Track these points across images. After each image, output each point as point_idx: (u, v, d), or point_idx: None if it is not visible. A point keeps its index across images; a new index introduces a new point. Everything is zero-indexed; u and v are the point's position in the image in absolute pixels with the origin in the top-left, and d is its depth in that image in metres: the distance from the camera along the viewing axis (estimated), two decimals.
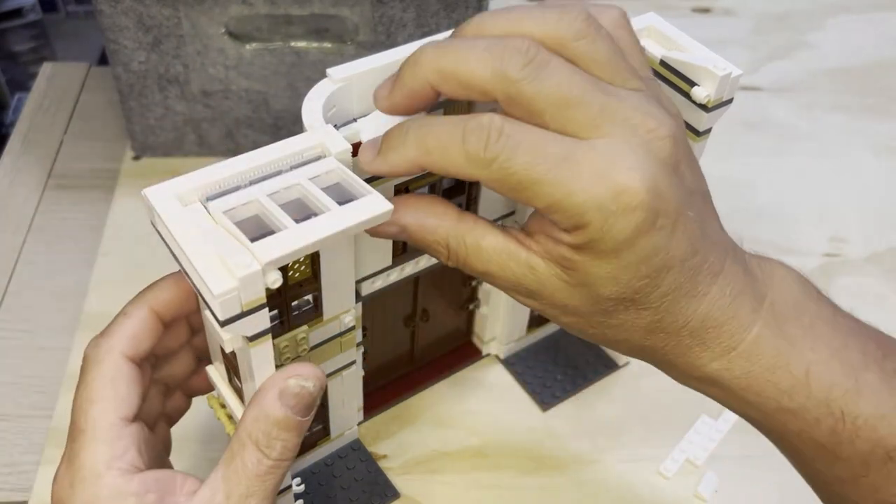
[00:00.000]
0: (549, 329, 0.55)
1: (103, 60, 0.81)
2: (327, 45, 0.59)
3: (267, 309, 0.30)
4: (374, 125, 0.35)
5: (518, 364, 0.54)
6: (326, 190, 0.32)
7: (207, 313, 0.31)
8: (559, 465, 0.49)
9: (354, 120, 0.35)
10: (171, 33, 0.58)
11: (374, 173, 0.33)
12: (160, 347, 0.36)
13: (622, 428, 0.51)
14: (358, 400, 0.47)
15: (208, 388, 0.38)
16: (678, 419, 0.52)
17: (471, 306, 0.52)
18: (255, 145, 0.70)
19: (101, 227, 0.61)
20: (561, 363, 0.54)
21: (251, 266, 0.28)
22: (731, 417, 0.52)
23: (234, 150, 0.66)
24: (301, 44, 0.59)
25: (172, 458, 0.38)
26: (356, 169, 0.34)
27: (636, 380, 0.54)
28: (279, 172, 0.33)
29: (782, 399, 0.32)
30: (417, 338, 0.51)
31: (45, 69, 0.76)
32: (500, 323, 0.52)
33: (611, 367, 0.54)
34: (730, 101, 0.40)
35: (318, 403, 0.33)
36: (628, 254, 0.30)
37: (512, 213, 0.46)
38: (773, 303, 0.33)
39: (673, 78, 0.40)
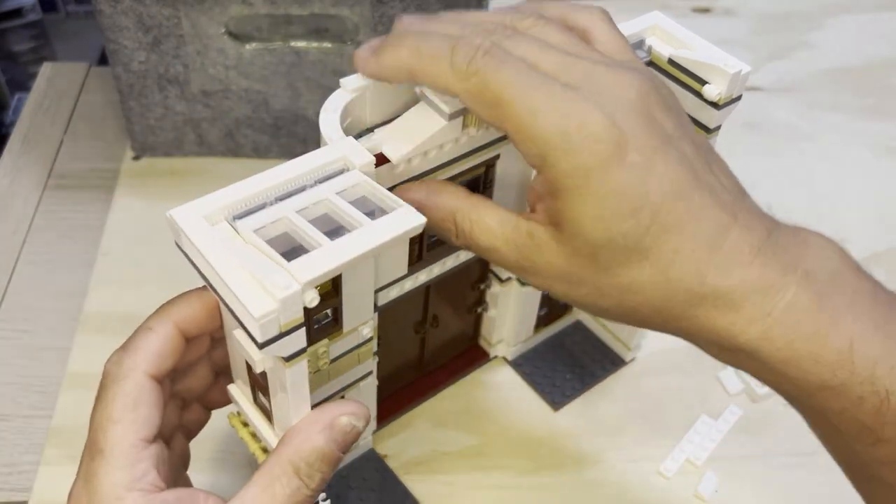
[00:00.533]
0: (554, 328, 0.55)
1: (103, 60, 0.81)
2: (327, 45, 0.59)
3: (304, 329, 0.29)
4: (393, 134, 0.35)
5: (526, 365, 0.54)
6: (354, 203, 0.32)
7: (238, 333, 0.30)
8: (559, 465, 0.49)
9: (371, 130, 0.35)
10: (171, 33, 0.58)
11: (366, 73, 0.35)
12: (181, 363, 0.35)
13: (622, 428, 0.51)
14: (372, 409, 0.47)
15: (227, 400, 0.37)
16: (678, 419, 0.52)
17: (479, 309, 0.52)
18: (255, 145, 0.70)
19: (101, 227, 0.61)
20: (568, 362, 0.54)
21: (291, 287, 0.28)
22: (731, 417, 0.52)
23: (234, 150, 0.66)
24: (301, 44, 0.59)
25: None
26: (380, 179, 0.34)
27: (636, 379, 0.54)
28: (304, 188, 0.32)
29: (825, 375, 0.30)
30: (427, 344, 0.51)
31: (45, 69, 0.76)
32: (507, 325, 0.52)
33: (617, 363, 0.54)
34: (739, 97, 0.40)
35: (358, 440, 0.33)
36: (601, 189, 0.30)
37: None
38: (807, 271, 0.31)
39: (682, 76, 0.40)
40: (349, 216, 0.31)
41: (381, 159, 0.35)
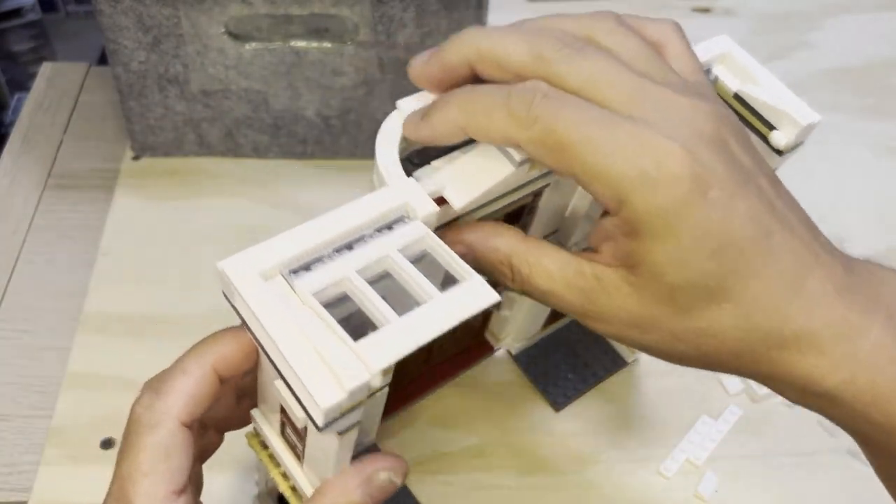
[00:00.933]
0: (559, 324, 0.55)
1: (103, 60, 0.80)
2: (327, 44, 0.59)
3: (363, 407, 0.28)
4: (457, 177, 0.32)
5: (528, 361, 0.54)
6: (418, 265, 0.30)
7: (280, 385, 0.28)
8: (559, 465, 0.49)
9: (428, 162, 0.33)
10: (171, 33, 0.58)
11: (418, 140, 0.33)
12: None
13: (622, 428, 0.51)
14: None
15: (244, 423, 0.36)
16: (678, 419, 0.52)
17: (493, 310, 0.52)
18: (255, 145, 0.70)
19: (101, 227, 0.61)
20: (570, 360, 0.54)
21: (361, 377, 0.26)
22: (731, 418, 0.52)
23: (234, 150, 0.66)
24: (301, 44, 0.59)
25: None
26: (440, 221, 0.32)
27: (637, 379, 0.54)
28: (363, 237, 0.30)
29: None
30: (435, 341, 0.50)
31: (45, 69, 0.76)
32: (518, 324, 0.52)
33: (619, 363, 0.54)
34: (800, 143, 0.38)
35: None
36: (684, 228, 0.28)
37: (555, 231, 0.44)
38: (889, 310, 0.30)
39: (747, 115, 0.38)
40: (416, 283, 0.29)
41: (441, 201, 0.33)
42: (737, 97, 0.38)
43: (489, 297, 0.29)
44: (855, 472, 0.50)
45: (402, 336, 0.27)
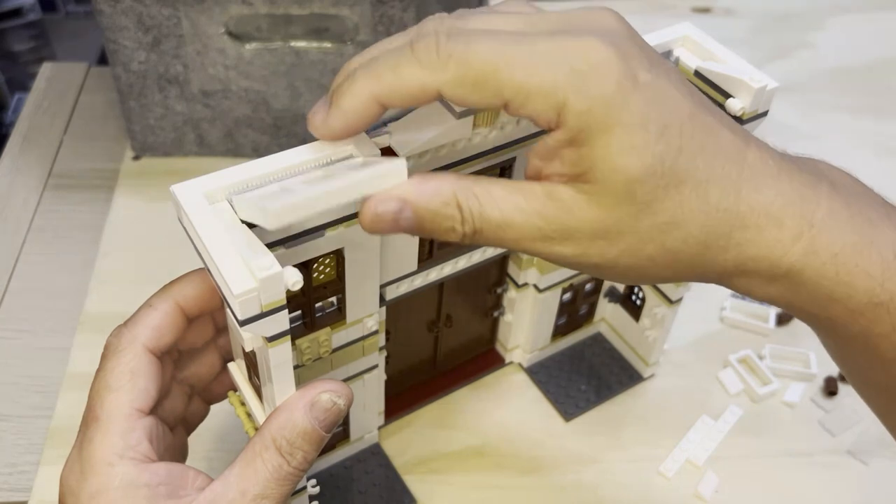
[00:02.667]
0: (573, 339, 0.55)
1: (103, 60, 0.80)
2: (327, 44, 0.59)
3: (287, 311, 0.30)
4: (402, 129, 0.34)
5: (541, 373, 0.53)
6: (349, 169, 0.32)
7: (229, 311, 0.31)
8: (559, 465, 0.49)
9: (385, 124, 0.35)
10: (171, 33, 0.58)
11: (328, 135, 0.31)
12: (184, 343, 0.36)
13: (622, 428, 0.51)
14: (379, 404, 0.47)
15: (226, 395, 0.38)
16: (678, 419, 0.52)
17: (495, 313, 0.52)
18: (255, 145, 0.70)
19: (101, 227, 0.61)
20: (585, 373, 0.53)
21: (272, 268, 0.28)
22: (731, 418, 0.52)
23: (234, 150, 0.66)
24: (301, 44, 0.59)
25: None
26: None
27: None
28: (304, 172, 0.32)
29: (874, 289, 0.29)
30: (441, 343, 0.51)
31: (45, 69, 0.76)
32: (524, 331, 0.52)
33: (635, 378, 0.53)
34: (765, 113, 0.39)
35: (341, 420, 0.33)
36: (625, 115, 0.28)
37: None
38: (832, 182, 0.30)
39: (707, 89, 0.39)
40: (339, 174, 0.31)
41: (390, 153, 0.34)
42: (697, 74, 0.39)
43: (398, 163, 0.30)
44: (855, 472, 0.50)
45: (305, 201, 0.29)
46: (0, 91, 1.03)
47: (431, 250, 0.42)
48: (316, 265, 0.36)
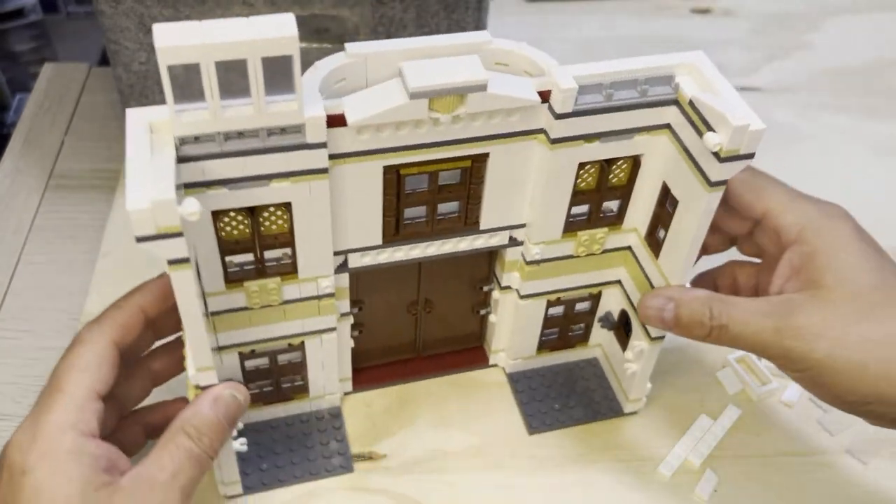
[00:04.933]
0: (567, 357, 0.54)
1: (104, 61, 0.81)
2: (327, 45, 0.60)
3: (184, 238, 0.32)
4: (359, 100, 0.37)
5: (521, 382, 0.53)
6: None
7: None
8: (559, 465, 0.50)
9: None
10: None
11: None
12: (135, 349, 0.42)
13: (622, 428, 0.52)
14: (344, 369, 0.49)
15: (170, 375, 0.45)
16: (678, 419, 0.52)
17: (482, 311, 0.52)
18: None
19: (101, 227, 0.62)
20: (563, 393, 0.53)
21: (166, 194, 0.30)
22: (730, 418, 0.52)
23: None
24: (301, 44, 0.59)
25: None
26: (345, 141, 0.38)
27: None
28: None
29: None
30: (421, 327, 0.51)
31: (46, 70, 0.76)
32: (506, 335, 0.52)
33: (615, 410, 0.52)
34: (749, 155, 0.38)
35: (239, 418, 0.40)
36: (852, 249, 0.40)
37: (522, 225, 0.45)
38: None
39: (696, 120, 0.39)
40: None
41: (342, 121, 0.37)
42: (691, 103, 0.39)
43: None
44: (853, 471, 0.50)
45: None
46: (1, 91, 1.03)
47: (398, 228, 0.43)
48: (267, 214, 0.39)
